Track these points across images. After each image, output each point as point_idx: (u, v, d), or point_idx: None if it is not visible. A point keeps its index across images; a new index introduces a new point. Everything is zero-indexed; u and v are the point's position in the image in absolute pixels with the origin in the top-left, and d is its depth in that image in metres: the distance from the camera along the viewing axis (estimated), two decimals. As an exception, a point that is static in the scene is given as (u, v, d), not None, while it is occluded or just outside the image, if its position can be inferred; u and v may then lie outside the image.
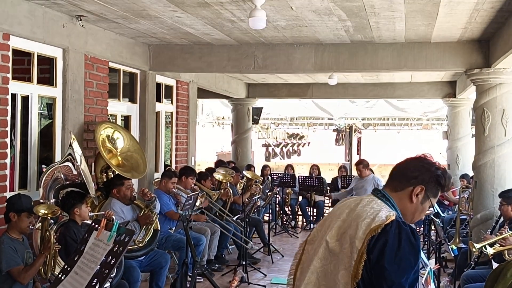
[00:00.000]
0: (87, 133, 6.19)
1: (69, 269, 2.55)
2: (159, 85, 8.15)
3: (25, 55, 5.81)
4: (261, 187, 9.68)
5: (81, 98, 6.09)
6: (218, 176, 8.40)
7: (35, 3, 5.24)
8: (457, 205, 8.44)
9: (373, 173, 9.66)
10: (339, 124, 17.99)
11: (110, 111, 6.80)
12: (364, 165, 9.24)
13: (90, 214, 5.04)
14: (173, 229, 6.74)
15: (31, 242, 4.72)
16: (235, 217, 8.11)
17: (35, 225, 4.53)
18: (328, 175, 12.44)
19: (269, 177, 11.04)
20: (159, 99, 8.20)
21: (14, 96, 5.30)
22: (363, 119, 17.78)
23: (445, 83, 10.96)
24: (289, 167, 11.90)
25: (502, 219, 5.91)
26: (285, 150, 23.39)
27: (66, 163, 5.08)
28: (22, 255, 4.25)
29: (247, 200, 8.20)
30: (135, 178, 6.38)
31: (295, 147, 23.53)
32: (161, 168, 8.36)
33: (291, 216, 11.60)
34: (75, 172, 5.05)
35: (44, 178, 5.08)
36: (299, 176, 11.45)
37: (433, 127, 17.65)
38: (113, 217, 5.15)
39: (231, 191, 8.34)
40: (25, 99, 5.54)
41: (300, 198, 11.56)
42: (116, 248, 2.43)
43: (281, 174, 11.48)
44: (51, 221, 4.60)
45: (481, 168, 6.82)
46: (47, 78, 5.98)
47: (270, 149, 22.98)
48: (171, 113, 8.73)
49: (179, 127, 8.81)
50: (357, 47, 7.15)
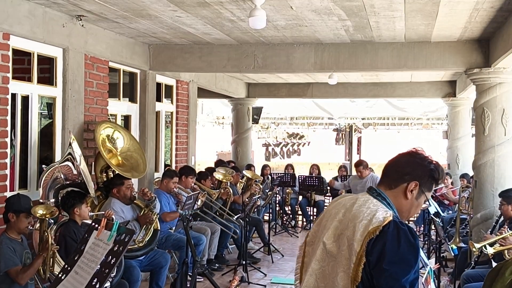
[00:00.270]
0: (87, 133, 6.19)
1: (69, 268, 2.55)
2: (159, 85, 8.16)
3: (25, 54, 5.81)
4: (261, 186, 9.68)
5: (81, 97, 6.09)
6: (218, 175, 8.41)
7: (35, 3, 5.24)
8: (457, 205, 8.44)
9: (373, 171, 9.67)
10: (339, 123, 18.00)
11: (110, 110, 6.81)
12: (364, 166, 9.25)
13: (90, 214, 5.04)
14: (173, 228, 6.75)
15: (31, 242, 4.73)
16: (235, 217, 8.11)
17: (35, 226, 4.53)
18: (328, 175, 12.44)
19: (269, 176, 11.04)
20: (159, 99, 8.20)
21: (14, 95, 5.30)
22: (363, 119, 17.78)
23: (445, 82, 10.96)
24: (289, 166, 11.89)
25: (502, 219, 5.91)
26: (285, 149, 23.38)
27: (66, 163, 5.08)
28: (20, 256, 4.24)
29: (247, 199, 8.20)
30: (135, 177, 6.38)
31: (295, 147, 23.52)
32: (161, 167, 8.36)
33: (291, 215, 11.60)
34: (75, 171, 5.05)
35: (43, 178, 5.08)
36: (299, 175, 11.44)
37: (433, 126, 17.65)
38: (113, 216, 5.15)
39: (231, 191, 8.35)
40: (25, 99, 5.54)
41: (300, 197, 11.56)
42: (116, 247, 2.43)
43: (281, 173, 11.47)
44: (51, 221, 4.60)
45: (481, 167, 6.83)
46: (47, 77, 5.99)
47: (270, 149, 22.97)
48: (171, 113, 8.73)
49: (179, 127, 8.81)
50: (357, 46, 7.15)
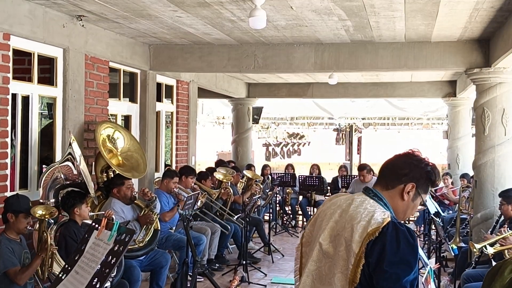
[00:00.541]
0: (87, 133, 6.20)
1: (69, 268, 2.55)
2: (159, 85, 8.16)
3: (26, 55, 5.81)
4: (262, 186, 9.68)
5: (81, 98, 6.09)
6: (218, 175, 8.41)
7: (36, 3, 5.25)
8: (457, 205, 8.44)
9: (375, 175, 9.63)
10: (339, 123, 18.00)
11: (110, 111, 6.81)
12: (367, 170, 9.20)
13: (90, 213, 5.05)
14: (174, 228, 6.75)
15: (31, 242, 4.73)
16: (236, 217, 8.11)
17: (35, 226, 4.53)
18: (328, 175, 12.44)
19: (270, 176, 11.04)
20: (159, 99, 8.21)
21: (14, 96, 5.30)
22: (363, 119, 17.79)
23: (445, 82, 10.96)
24: (290, 166, 11.89)
25: (502, 219, 5.91)
26: (285, 149, 23.39)
27: (66, 163, 5.08)
28: (19, 256, 4.24)
29: (248, 199, 8.20)
30: (135, 177, 6.38)
31: (296, 147, 23.53)
32: (162, 167, 8.36)
33: (291, 215, 11.59)
34: (75, 171, 5.05)
35: (44, 178, 5.08)
36: (299, 175, 11.44)
37: (434, 126, 17.66)
38: (113, 216, 5.15)
39: (231, 191, 8.35)
40: (26, 99, 5.54)
41: (300, 197, 11.56)
42: (116, 247, 2.43)
43: (281, 173, 11.47)
44: (51, 221, 4.60)
45: (481, 167, 6.83)
46: (47, 78, 5.99)
47: (270, 149, 22.98)
48: (172, 113, 8.74)
49: (180, 127, 8.81)
50: (357, 46, 7.15)
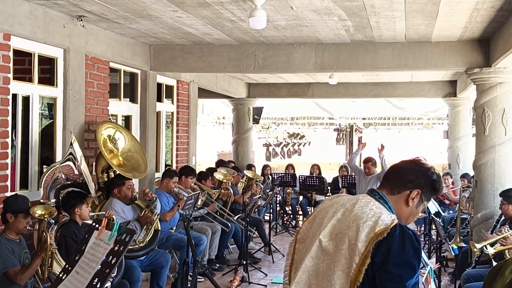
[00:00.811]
0: (88, 133, 6.20)
1: (70, 268, 2.56)
2: (159, 85, 8.16)
3: (26, 55, 5.82)
4: (262, 186, 9.68)
5: (82, 98, 6.10)
6: (218, 176, 8.40)
7: (36, 4, 5.25)
8: (457, 205, 8.44)
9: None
10: (340, 123, 18.01)
11: (111, 111, 6.81)
12: (372, 163, 9.20)
13: (90, 214, 5.05)
14: (174, 228, 6.75)
15: (31, 242, 4.73)
16: (236, 217, 8.11)
17: (35, 226, 4.53)
18: (328, 175, 12.44)
19: (270, 176, 11.04)
20: (159, 99, 8.21)
21: (15, 96, 5.31)
22: (363, 119, 17.80)
23: (445, 82, 10.96)
24: (290, 166, 11.89)
25: (503, 218, 5.91)
26: (285, 149, 23.39)
27: (67, 163, 5.08)
28: (19, 256, 4.24)
29: (248, 199, 8.20)
30: (136, 178, 6.38)
31: (296, 147, 23.52)
32: (162, 168, 8.36)
33: (291, 215, 11.60)
34: (76, 172, 5.05)
35: (44, 178, 5.08)
36: (299, 175, 11.44)
37: (434, 126, 17.67)
38: (114, 216, 5.15)
39: (232, 191, 8.34)
40: (26, 99, 5.54)
41: (300, 197, 11.56)
42: (117, 247, 2.43)
43: (281, 173, 11.48)
44: (52, 221, 4.60)
45: (481, 167, 6.83)
46: (48, 78, 5.99)
47: (270, 149, 22.98)
48: (172, 113, 8.74)
49: (180, 127, 8.81)
50: (357, 46, 7.15)
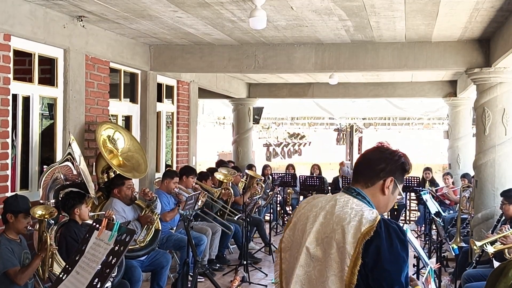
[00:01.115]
0: (88, 133, 6.20)
1: (70, 268, 2.56)
2: (160, 85, 8.16)
3: (26, 55, 5.82)
4: (263, 186, 9.67)
5: (82, 98, 6.10)
6: (219, 176, 8.40)
7: (36, 4, 5.25)
8: (458, 205, 8.45)
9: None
10: (340, 123, 18.01)
11: (111, 111, 6.81)
12: None
13: (90, 214, 5.05)
14: (174, 229, 6.75)
15: (31, 242, 4.73)
16: (236, 217, 8.11)
17: (35, 227, 4.53)
18: (329, 175, 12.44)
19: (270, 176, 11.04)
20: (160, 99, 8.20)
21: (15, 96, 5.31)
22: (364, 119, 17.80)
23: (445, 82, 10.96)
24: (290, 166, 11.89)
25: (503, 218, 5.91)
26: (286, 149, 23.40)
27: (65, 163, 5.08)
28: (19, 256, 4.24)
29: (248, 200, 8.20)
30: (136, 178, 6.39)
31: (296, 147, 23.54)
32: (162, 168, 8.36)
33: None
34: (75, 172, 5.05)
35: (43, 178, 5.08)
36: (300, 175, 11.44)
37: (434, 126, 17.67)
38: (114, 216, 5.16)
39: (232, 191, 8.34)
40: (26, 100, 5.54)
41: (301, 197, 11.55)
42: (117, 247, 2.43)
43: (282, 173, 11.47)
44: (51, 222, 4.60)
45: (481, 167, 6.82)
46: (48, 78, 5.99)
47: (271, 149, 23.00)
48: (172, 113, 8.73)
49: (180, 127, 8.81)
50: (357, 46, 7.14)
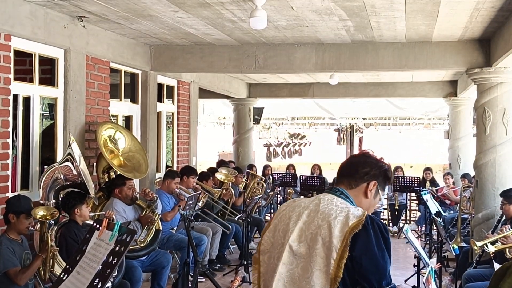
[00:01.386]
0: (88, 134, 6.20)
1: (70, 269, 2.56)
2: (160, 86, 8.16)
3: (27, 56, 5.82)
4: (264, 185, 9.68)
5: (82, 98, 6.10)
6: (219, 176, 8.40)
7: (37, 4, 5.25)
8: (458, 205, 8.44)
9: None
10: (340, 123, 18.01)
11: (111, 111, 6.81)
12: None
13: (90, 214, 5.05)
14: (175, 229, 6.75)
15: (32, 243, 4.73)
16: (237, 217, 8.12)
17: (36, 227, 4.53)
18: (329, 175, 12.42)
19: (271, 177, 11.04)
20: (160, 100, 8.21)
21: (15, 96, 5.31)
22: (364, 119, 17.79)
23: (446, 82, 10.96)
24: (291, 166, 11.89)
25: (504, 218, 5.91)
26: (286, 150, 23.40)
27: (65, 163, 5.08)
28: (20, 256, 4.24)
29: (249, 199, 8.20)
30: (136, 178, 6.39)
31: (297, 147, 23.54)
32: (163, 168, 8.37)
33: (292, 215, 11.57)
34: (75, 172, 5.05)
35: (43, 178, 5.08)
36: (300, 175, 11.43)
37: (435, 126, 17.66)
38: (114, 217, 5.16)
39: (233, 192, 8.34)
40: (27, 100, 5.54)
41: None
42: (117, 247, 2.43)
43: (282, 173, 11.47)
44: (52, 222, 4.60)
45: (482, 167, 6.82)
46: (48, 78, 5.99)
47: (271, 149, 23.00)
48: (173, 113, 8.74)
49: (181, 127, 8.81)
50: (358, 46, 7.14)
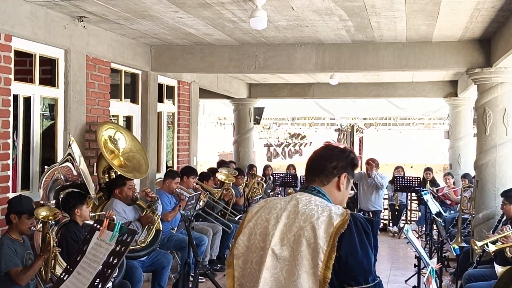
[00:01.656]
0: (89, 134, 6.20)
1: (71, 269, 2.56)
2: (160, 86, 8.16)
3: (27, 56, 5.82)
4: (264, 185, 9.67)
5: (83, 99, 6.10)
6: (220, 176, 8.40)
7: (37, 5, 5.25)
8: (459, 205, 8.44)
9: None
10: (341, 124, 18.00)
11: (112, 111, 6.81)
12: (375, 164, 9.14)
13: (91, 214, 5.05)
14: (175, 229, 6.75)
15: (33, 243, 4.73)
16: (238, 217, 8.11)
17: (36, 227, 4.53)
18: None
19: (271, 177, 11.03)
20: (160, 100, 8.21)
21: (16, 97, 5.31)
22: (364, 119, 17.79)
23: (446, 82, 10.95)
24: (291, 167, 11.88)
25: (504, 218, 5.91)
26: (286, 150, 23.41)
27: (65, 164, 5.08)
28: (22, 256, 4.25)
29: (249, 200, 8.20)
30: (137, 178, 6.39)
31: (297, 147, 23.54)
32: (163, 168, 8.37)
33: (292, 216, 11.55)
34: (75, 172, 5.05)
35: (44, 179, 5.08)
36: (300, 176, 11.40)
37: (435, 126, 17.65)
38: (114, 217, 5.16)
39: (233, 192, 8.34)
40: (27, 100, 5.54)
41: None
42: (118, 248, 2.43)
43: (282, 174, 11.47)
44: (52, 222, 4.60)
45: (482, 167, 6.82)
46: (49, 79, 6.00)
47: (271, 149, 23.00)
48: (173, 114, 8.74)
49: (181, 128, 8.81)
50: (358, 47, 7.14)
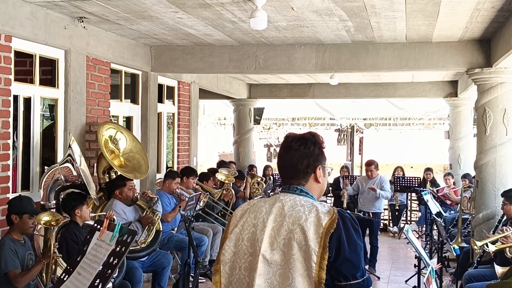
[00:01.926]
0: (89, 134, 6.20)
1: (71, 269, 2.56)
2: (160, 86, 8.17)
3: (27, 56, 5.82)
4: (264, 185, 9.66)
5: (83, 99, 6.11)
6: (220, 176, 8.40)
7: (37, 5, 5.26)
8: (459, 205, 8.44)
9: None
10: (341, 124, 17.99)
11: (112, 112, 6.81)
12: (375, 165, 9.11)
13: (91, 214, 5.05)
14: (175, 229, 6.76)
15: (33, 243, 4.73)
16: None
17: (37, 229, 4.53)
18: (330, 175, 12.41)
19: (271, 177, 11.03)
20: (160, 100, 8.21)
21: (16, 97, 5.31)
22: (364, 119, 17.78)
23: (446, 82, 10.96)
24: (291, 167, 11.85)
25: (505, 218, 5.91)
26: (287, 150, 23.32)
27: (65, 164, 5.08)
28: (22, 257, 4.24)
29: (249, 200, 8.18)
30: (137, 178, 6.39)
31: (297, 147, 23.46)
32: (163, 169, 8.37)
33: (293, 216, 11.55)
34: (75, 173, 5.05)
35: (44, 179, 5.08)
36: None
37: (435, 126, 17.65)
38: (114, 217, 5.16)
39: (233, 192, 8.33)
40: (27, 101, 5.55)
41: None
42: (118, 248, 2.44)
43: (283, 174, 11.44)
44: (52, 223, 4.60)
45: (482, 167, 6.82)
46: (49, 79, 6.00)
47: (272, 150, 22.97)
48: (173, 114, 8.74)
49: (181, 128, 8.82)
50: (358, 47, 7.15)
